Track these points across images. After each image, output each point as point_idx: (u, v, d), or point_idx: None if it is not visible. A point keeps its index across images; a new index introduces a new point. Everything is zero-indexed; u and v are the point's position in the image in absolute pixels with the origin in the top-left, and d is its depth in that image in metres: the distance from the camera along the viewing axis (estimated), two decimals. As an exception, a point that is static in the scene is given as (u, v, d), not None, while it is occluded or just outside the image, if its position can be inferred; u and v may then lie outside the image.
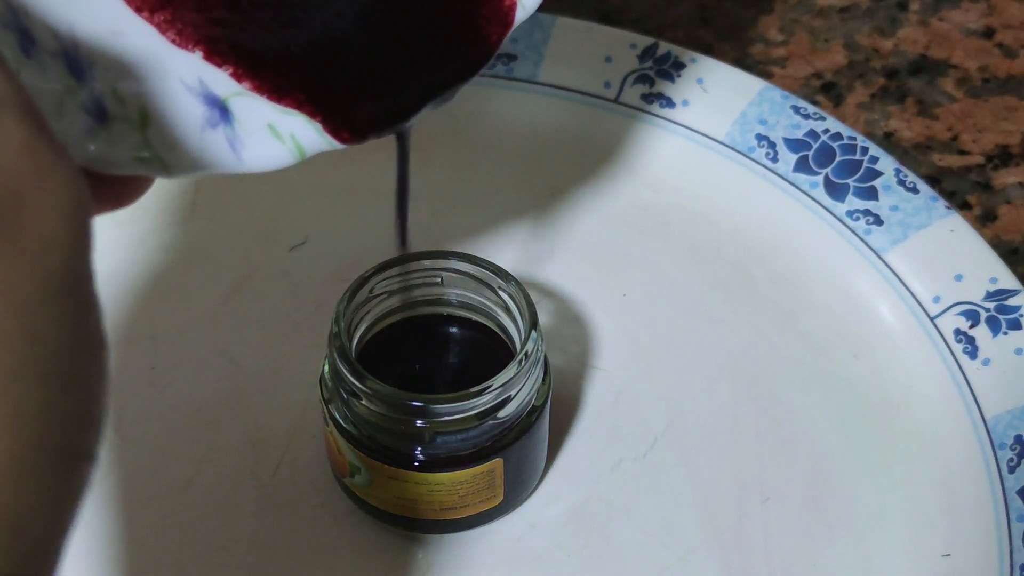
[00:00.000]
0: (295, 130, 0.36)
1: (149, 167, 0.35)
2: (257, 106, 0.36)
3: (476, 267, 0.47)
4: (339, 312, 0.45)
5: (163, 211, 0.56)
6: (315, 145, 0.37)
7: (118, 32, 0.35)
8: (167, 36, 0.35)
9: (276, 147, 0.36)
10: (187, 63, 0.36)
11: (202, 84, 0.36)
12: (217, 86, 0.36)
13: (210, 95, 0.36)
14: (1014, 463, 0.47)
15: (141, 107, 0.35)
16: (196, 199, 0.56)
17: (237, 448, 0.49)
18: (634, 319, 0.53)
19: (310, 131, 0.36)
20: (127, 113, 0.35)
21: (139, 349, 0.52)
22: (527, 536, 0.47)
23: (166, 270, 0.54)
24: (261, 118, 0.36)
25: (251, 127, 0.36)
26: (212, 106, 0.36)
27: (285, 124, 0.36)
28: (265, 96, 0.36)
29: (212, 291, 0.54)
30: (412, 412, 0.43)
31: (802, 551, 0.47)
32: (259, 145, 0.36)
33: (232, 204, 0.56)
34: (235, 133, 0.36)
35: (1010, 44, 0.65)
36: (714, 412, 0.51)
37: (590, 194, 0.57)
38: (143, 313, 0.53)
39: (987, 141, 0.61)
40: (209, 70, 0.36)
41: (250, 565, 0.46)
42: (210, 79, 0.36)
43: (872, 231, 0.54)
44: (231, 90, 0.36)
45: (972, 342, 0.50)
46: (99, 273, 0.54)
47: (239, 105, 0.36)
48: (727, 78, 0.58)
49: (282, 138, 0.36)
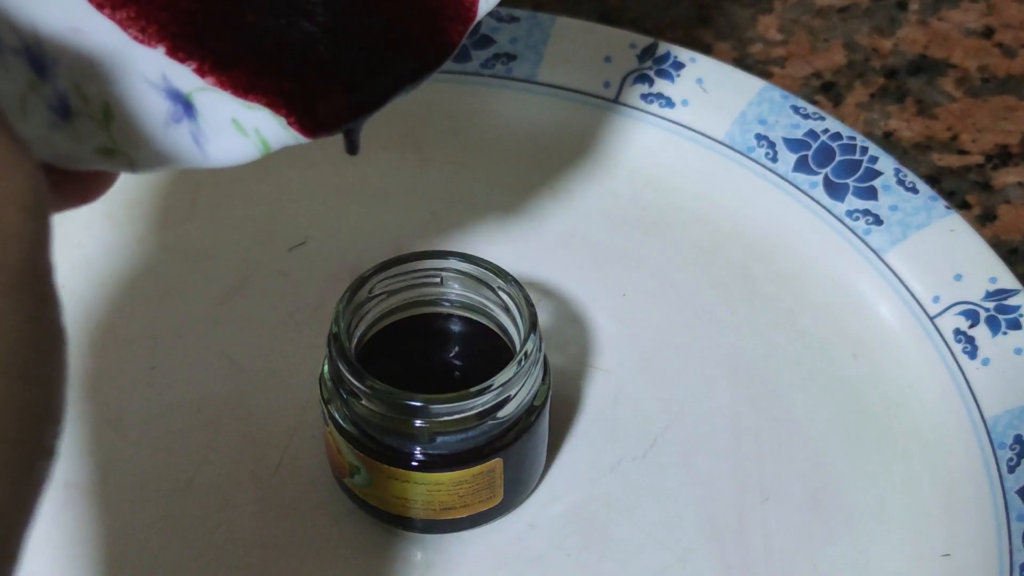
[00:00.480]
0: (259, 124, 0.36)
1: (113, 163, 0.35)
2: (221, 101, 0.36)
3: (476, 267, 0.47)
4: (338, 312, 0.45)
5: (163, 211, 0.56)
6: (279, 139, 0.37)
7: (79, 30, 0.35)
8: (129, 33, 0.35)
9: (240, 142, 0.36)
10: (150, 59, 0.36)
11: (165, 80, 0.36)
12: (181, 82, 0.36)
13: (174, 91, 0.36)
14: (1014, 463, 0.47)
15: (104, 103, 0.35)
16: (196, 199, 0.56)
17: (237, 448, 0.49)
18: (634, 319, 0.53)
19: (274, 125, 0.36)
20: (91, 109, 0.35)
21: (139, 349, 0.52)
22: (527, 536, 0.47)
23: (166, 270, 0.54)
24: (225, 113, 0.36)
25: (215, 122, 0.36)
26: (176, 102, 0.36)
27: (249, 119, 0.36)
28: (229, 91, 0.36)
29: (212, 291, 0.54)
30: (411, 412, 0.43)
31: (802, 550, 0.47)
32: (223, 140, 0.36)
33: (231, 204, 0.56)
34: (199, 128, 0.36)
35: (1009, 44, 0.65)
36: (714, 412, 0.51)
37: (589, 194, 0.57)
38: (143, 313, 0.53)
39: (986, 141, 0.61)
40: (172, 66, 0.36)
41: (250, 565, 0.46)
42: (173, 75, 0.36)
43: (872, 231, 0.54)
44: (195, 85, 0.36)
45: (972, 342, 0.50)
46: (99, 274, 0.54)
47: (203, 100, 0.36)
48: (726, 78, 0.58)
49: (246, 132, 0.36)
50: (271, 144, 0.37)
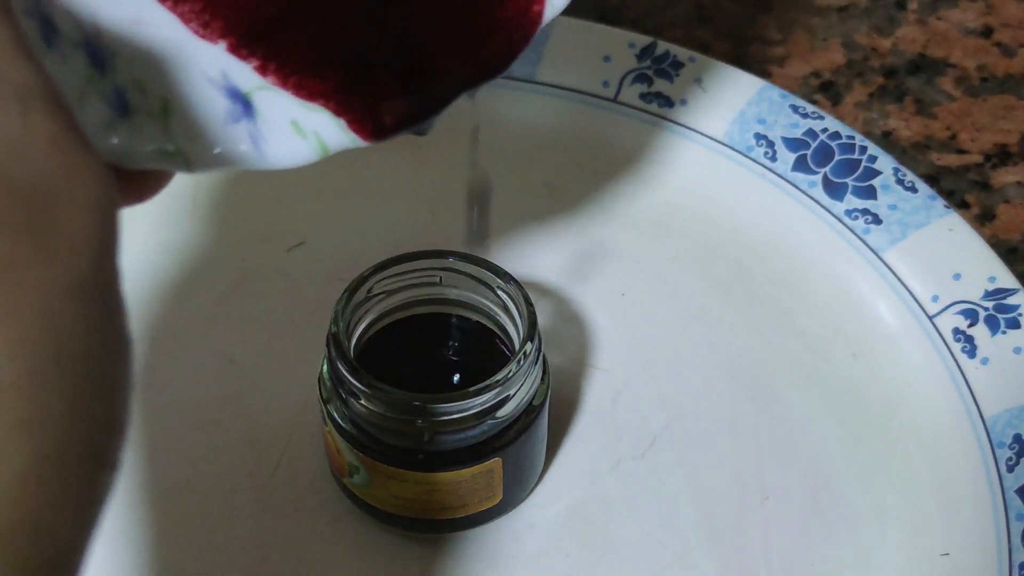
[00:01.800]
0: (319, 127, 0.35)
1: (170, 161, 0.35)
2: (281, 101, 0.35)
3: (475, 267, 0.47)
4: (337, 312, 0.45)
5: (162, 211, 0.56)
6: (339, 142, 0.36)
7: (141, 21, 0.34)
8: (190, 27, 0.35)
9: (299, 144, 0.36)
10: (211, 55, 0.35)
11: (225, 77, 0.35)
12: (241, 79, 0.35)
13: (233, 88, 0.35)
14: (1013, 462, 0.47)
15: (163, 99, 0.34)
16: (195, 199, 0.56)
17: (236, 448, 0.49)
18: (633, 319, 0.53)
19: (334, 128, 0.36)
20: (149, 106, 0.34)
21: (137, 349, 0.51)
22: (526, 536, 0.47)
23: (165, 270, 0.54)
24: (284, 114, 0.35)
25: (274, 122, 0.35)
26: (235, 100, 0.35)
27: (309, 121, 0.35)
28: (290, 91, 0.35)
29: (211, 291, 0.54)
30: (411, 411, 0.43)
31: (801, 550, 0.47)
32: (281, 141, 0.35)
33: (230, 204, 0.56)
34: (257, 128, 0.35)
35: (1008, 43, 0.65)
36: (713, 412, 0.51)
37: (589, 194, 0.57)
38: (141, 313, 0.53)
39: (985, 140, 0.61)
40: (233, 63, 0.35)
41: (249, 565, 0.46)
42: (234, 72, 0.35)
43: (871, 230, 0.54)
44: (255, 84, 0.35)
45: (971, 341, 0.50)
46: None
47: (262, 99, 0.35)
48: (725, 77, 0.58)
49: (305, 134, 0.36)
50: (329, 147, 0.36)
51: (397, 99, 0.36)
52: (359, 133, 0.36)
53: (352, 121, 0.36)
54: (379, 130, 0.36)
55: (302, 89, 0.35)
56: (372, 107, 0.36)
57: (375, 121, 0.36)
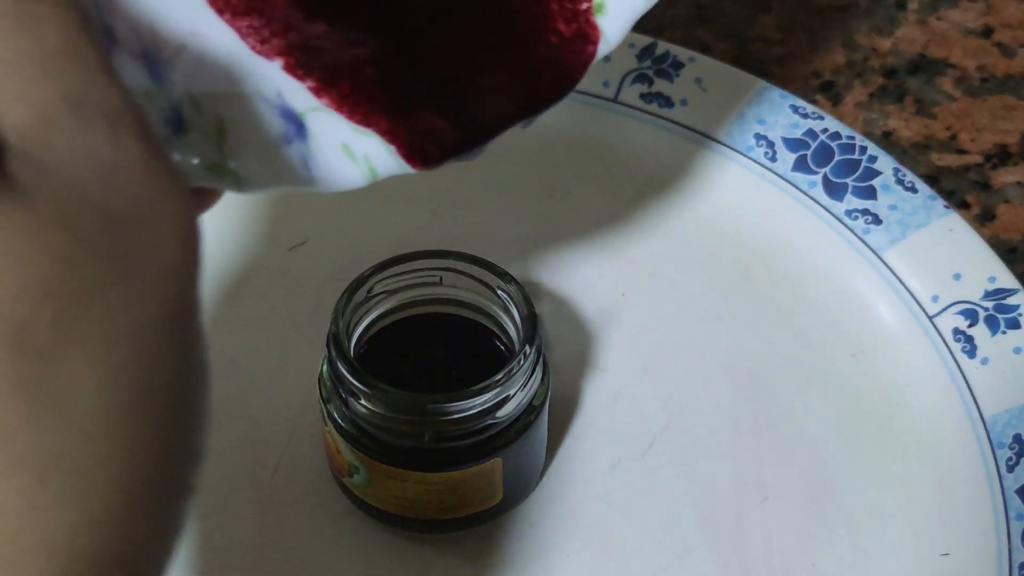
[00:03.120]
0: (369, 152, 0.35)
1: (222, 180, 0.34)
2: (333, 124, 0.35)
3: (475, 267, 0.47)
4: (338, 312, 0.45)
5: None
6: (388, 169, 0.36)
7: (199, 34, 0.34)
8: (248, 43, 0.35)
9: (349, 168, 0.36)
10: (266, 73, 0.35)
11: (280, 96, 0.35)
12: (295, 100, 0.35)
13: (287, 109, 0.35)
14: (1013, 462, 0.47)
15: (218, 117, 0.34)
16: (195, 199, 0.56)
17: (236, 448, 0.49)
18: (633, 319, 0.53)
19: (384, 154, 0.36)
20: (204, 123, 0.34)
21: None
22: (526, 536, 0.47)
23: (165, 270, 0.54)
24: (336, 137, 0.35)
25: (325, 146, 0.35)
26: (289, 121, 0.35)
27: (360, 145, 0.35)
28: (343, 114, 0.35)
29: (212, 291, 0.54)
30: (411, 411, 0.43)
31: (801, 550, 0.47)
32: (332, 164, 0.35)
33: (232, 204, 0.56)
34: (309, 150, 0.35)
35: (1008, 43, 0.65)
36: (713, 412, 0.51)
37: (588, 194, 0.57)
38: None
39: (985, 140, 0.61)
40: (288, 82, 0.35)
41: (249, 565, 0.46)
42: (288, 92, 0.35)
43: (871, 230, 0.54)
44: (309, 105, 0.35)
45: (971, 341, 0.50)
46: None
47: (315, 121, 0.35)
48: (725, 77, 0.58)
49: (356, 159, 0.35)
50: (379, 173, 0.36)
51: (446, 129, 0.36)
52: (408, 160, 0.36)
53: (402, 148, 0.36)
54: (427, 158, 0.36)
55: (356, 113, 0.35)
56: (422, 135, 0.36)
57: (424, 149, 0.36)
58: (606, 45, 0.38)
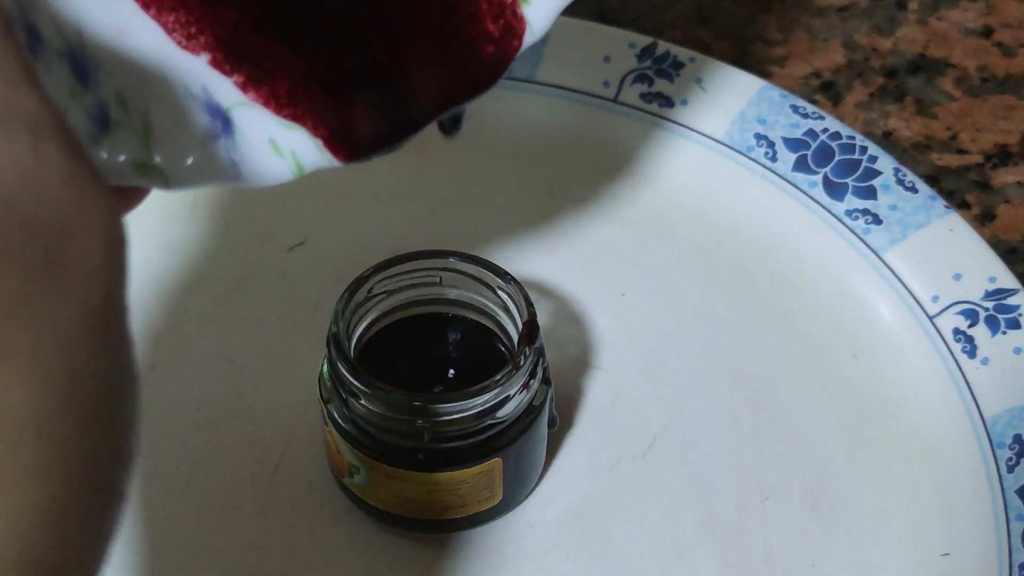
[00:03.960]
0: (295, 146, 0.36)
1: (149, 178, 0.34)
2: (260, 119, 0.35)
3: (475, 267, 0.47)
4: (338, 312, 0.45)
5: (162, 211, 0.56)
6: (314, 162, 0.36)
7: (124, 31, 0.34)
8: (174, 38, 0.35)
9: (276, 163, 0.36)
10: (192, 69, 0.35)
11: (206, 92, 0.35)
12: (222, 95, 0.35)
13: (214, 104, 0.35)
14: (1013, 462, 0.47)
15: (144, 114, 0.34)
16: (195, 199, 0.56)
17: (236, 448, 0.49)
18: (633, 319, 0.53)
19: (310, 147, 0.36)
20: (130, 121, 0.34)
21: (138, 349, 0.51)
22: (526, 536, 0.47)
23: (165, 270, 0.54)
24: (263, 131, 0.35)
25: (252, 141, 0.35)
26: (215, 116, 0.35)
27: (286, 139, 0.36)
28: (270, 109, 0.35)
29: (211, 291, 0.54)
30: (411, 412, 0.43)
31: (801, 550, 0.47)
32: (259, 160, 0.36)
33: (231, 204, 0.56)
34: (235, 146, 0.35)
35: (1009, 43, 0.65)
36: (713, 412, 0.51)
37: (589, 194, 0.57)
38: (142, 313, 0.53)
39: (986, 140, 0.61)
40: (214, 77, 0.35)
41: (249, 565, 0.46)
42: (215, 87, 0.35)
43: (871, 230, 0.54)
44: (235, 100, 0.35)
45: (971, 341, 0.50)
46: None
47: (242, 116, 0.35)
48: (726, 77, 0.58)
49: (282, 153, 0.36)
50: (305, 167, 0.36)
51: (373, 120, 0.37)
52: (334, 153, 0.36)
53: (328, 141, 0.36)
54: (355, 151, 0.36)
55: (282, 107, 0.35)
56: (347, 128, 0.36)
57: (350, 142, 0.36)
58: (531, 35, 0.39)
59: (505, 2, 0.38)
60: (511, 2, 0.38)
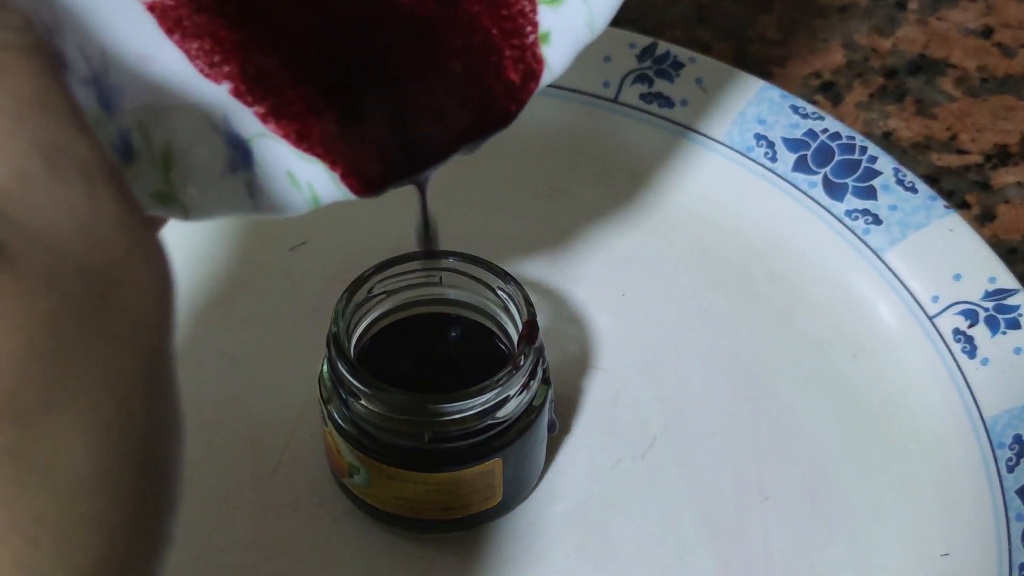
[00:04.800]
0: (313, 179, 0.36)
1: (169, 209, 0.34)
2: (279, 150, 0.36)
3: (475, 267, 0.47)
4: (338, 312, 0.45)
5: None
6: (331, 196, 0.36)
7: (148, 56, 0.34)
8: (196, 65, 0.35)
9: (293, 195, 0.36)
10: (214, 97, 0.35)
11: (227, 122, 0.35)
12: (242, 126, 0.35)
13: (234, 135, 0.35)
14: (1013, 462, 0.47)
15: (166, 144, 0.34)
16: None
17: (236, 448, 0.49)
18: (633, 319, 0.53)
19: (327, 181, 0.36)
20: (151, 151, 0.34)
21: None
22: (526, 536, 0.47)
23: (165, 270, 0.54)
24: (282, 164, 0.36)
25: (271, 173, 0.35)
26: (235, 147, 0.35)
27: (304, 172, 0.36)
28: (290, 141, 0.36)
29: (212, 291, 0.54)
30: (411, 412, 0.43)
31: (801, 550, 0.47)
32: (277, 191, 0.36)
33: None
34: (254, 178, 0.35)
35: (1008, 43, 0.65)
36: (713, 412, 0.51)
37: (589, 194, 0.57)
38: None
39: (986, 140, 0.61)
40: (236, 107, 0.35)
41: (249, 565, 0.46)
42: (236, 117, 0.35)
43: (871, 230, 0.54)
44: (255, 131, 0.35)
45: (971, 341, 0.50)
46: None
47: (261, 148, 0.35)
48: (726, 78, 0.58)
49: (300, 186, 0.36)
50: (322, 200, 0.36)
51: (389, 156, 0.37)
52: (351, 187, 0.36)
53: (345, 175, 0.36)
54: (370, 186, 0.37)
55: (302, 140, 0.36)
56: (366, 163, 0.36)
57: (367, 176, 0.36)
58: (550, 75, 0.39)
59: (526, 43, 0.38)
60: (531, 43, 0.38)
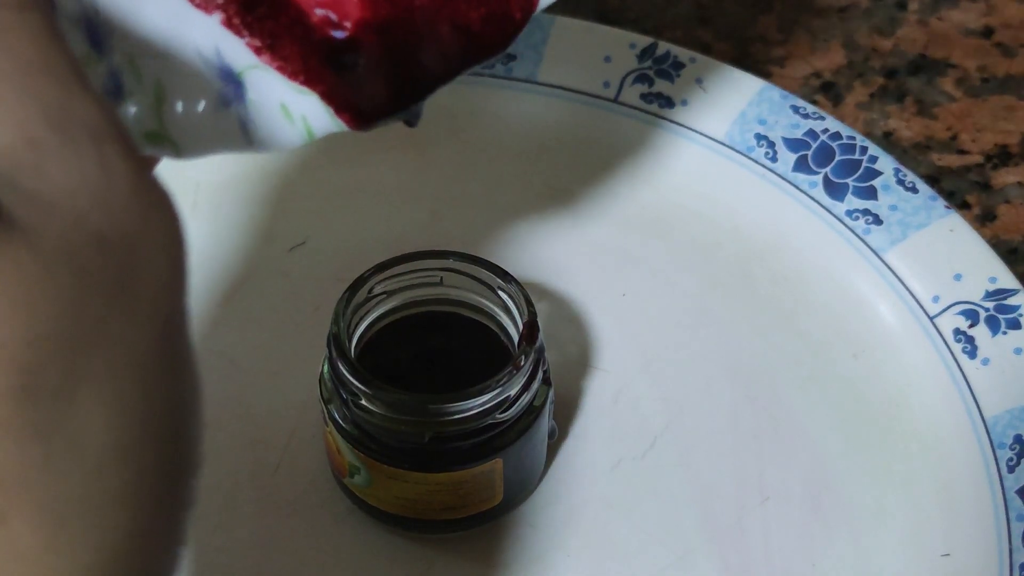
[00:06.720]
0: (307, 111, 0.35)
1: (160, 147, 0.34)
2: (272, 83, 0.35)
3: (476, 267, 0.47)
4: (338, 312, 0.45)
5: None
6: (325, 127, 0.36)
7: None
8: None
9: (286, 128, 0.35)
10: (206, 30, 0.34)
11: (219, 55, 0.34)
12: (234, 57, 0.35)
13: (226, 68, 0.35)
14: (1013, 463, 0.47)
15: (157, 82, 0.34)
16: (196, 199, 0.56)
17: (237, 448, 0.49)
18: (633, 319, 0.53)
19: (322, 113, 0.35)
20: (143, 90, 0.34)
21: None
22: (527, 536, 0.47)
23: (165, 270, 0.54)
24: (275, 97, 0.35)
25: (263, 106, 0.35)
26: (227, 81, 0.35)
27: (298, 105, 0.35)
28: (284, 73, 0.35)
29: (212, 291, 0.54)
30: (411, 412, 0.43)
31: (801, 551, 0.47)
32: (270, 126, 0.35)
33: (232, 204, 0.56)
34: (247, 112, 0.35)
35: (1009, 43, 0.65)
36: (713, 412, 0.51)
37: (589, 194, 0.57)
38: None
39: (986, 140, 0.61)
40: (227, 39, 0.34)
41: (250, 565, 0.46)
42: (227, 50, 0.34)
43: (871, 231, 0.54)
44: (248, 63, 0.35)
45: (971, 342, 0.50)
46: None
47: (254, 80, 0.35)
48: (726, 78, 0.58)
49: (293, 119, 0.35)
50: (316, 133, 0.36)
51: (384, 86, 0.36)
52: (345, 119, 0.36)
53: (339, 107, 0.35)
54: (366, 117, 0.36)
55: (296, 71, 0.35)
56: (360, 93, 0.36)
57: (361, 107, 0.36)
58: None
59: None
60: None
